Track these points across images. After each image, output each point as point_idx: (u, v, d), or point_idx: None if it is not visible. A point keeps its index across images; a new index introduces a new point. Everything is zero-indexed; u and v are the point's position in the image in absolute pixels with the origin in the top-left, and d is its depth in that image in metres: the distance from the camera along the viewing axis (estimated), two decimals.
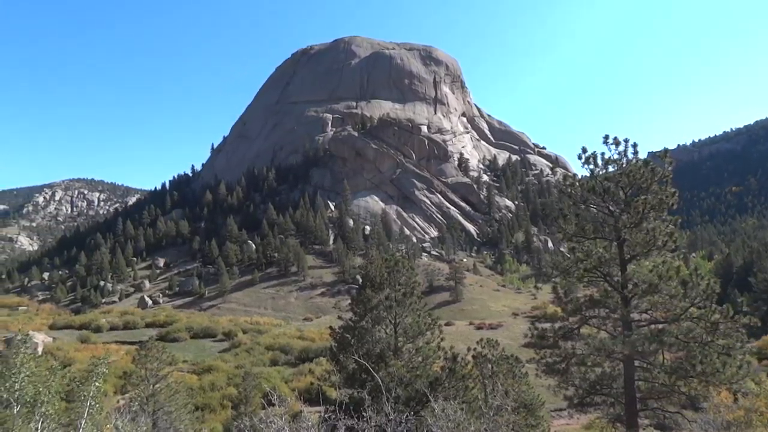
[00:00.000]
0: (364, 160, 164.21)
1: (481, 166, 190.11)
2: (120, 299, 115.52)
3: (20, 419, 9.21)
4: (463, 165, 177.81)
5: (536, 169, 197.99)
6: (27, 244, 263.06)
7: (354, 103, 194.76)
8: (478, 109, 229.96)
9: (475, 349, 22.12)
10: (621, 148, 18.01)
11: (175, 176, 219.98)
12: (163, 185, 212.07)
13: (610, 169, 18.28)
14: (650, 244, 17.03)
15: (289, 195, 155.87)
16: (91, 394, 9.51)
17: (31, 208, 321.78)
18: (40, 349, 52.67)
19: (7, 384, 8.68)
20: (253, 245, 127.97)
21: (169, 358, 27.92)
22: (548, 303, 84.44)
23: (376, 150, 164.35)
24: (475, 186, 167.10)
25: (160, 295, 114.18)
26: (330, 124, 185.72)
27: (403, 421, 6.60)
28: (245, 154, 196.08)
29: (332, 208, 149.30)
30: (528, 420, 20.11)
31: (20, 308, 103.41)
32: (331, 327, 21.26)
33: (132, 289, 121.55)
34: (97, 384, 9.97)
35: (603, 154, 18.30)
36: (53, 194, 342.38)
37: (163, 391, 25.21)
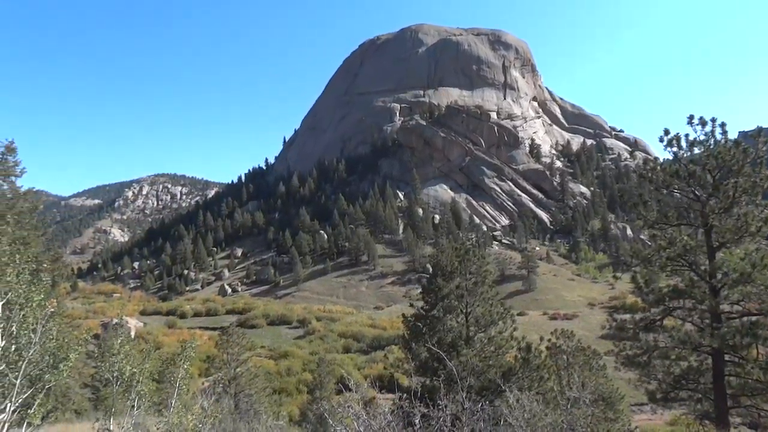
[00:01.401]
0: (432, 148, 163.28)
1: (553, 151, 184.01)
2: (202, 287, 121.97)
3: (119, 396, 9.94)
4: (534, 151, 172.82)
5: (613, 154, 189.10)
6: (119, 235, 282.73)
7: (422, 92, 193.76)
8: (550, 93, 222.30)
9: (549, 339, 21.56)
10: (708, 128, 16.76)
11: (251, 169, 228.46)
12: (240, 178, 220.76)
13: (696, 151, 17.08)
14: (742, 230, 15.84)
15: (359, 185, 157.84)
16: (180, 376, 10.12)
17: (121, 202, 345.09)
18: (132, 333, 56.56)
19: (107, 364, 9.44)
20: (325, 235, 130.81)
21: (249, 344, 29.19)
22: (627, 293, 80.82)
23: (445, 138, 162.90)
24: (547, 172, 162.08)
25: (239, 284, 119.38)
26: (398, 114, 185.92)
27: (478, 410, 6.57)
28: (316, 146, 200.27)
29: (401, 197, 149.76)
30: (607, 414, 19.41)
31: (114, 295, 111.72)
32: (402, 315, 21.39)
33: (213, 278, 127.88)
34: (185, 367, 10.57)
35: (687, 135, 17.11)
36: (141, 189, 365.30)
37: (244, 374, 26.40)
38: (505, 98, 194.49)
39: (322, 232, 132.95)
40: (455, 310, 19.43)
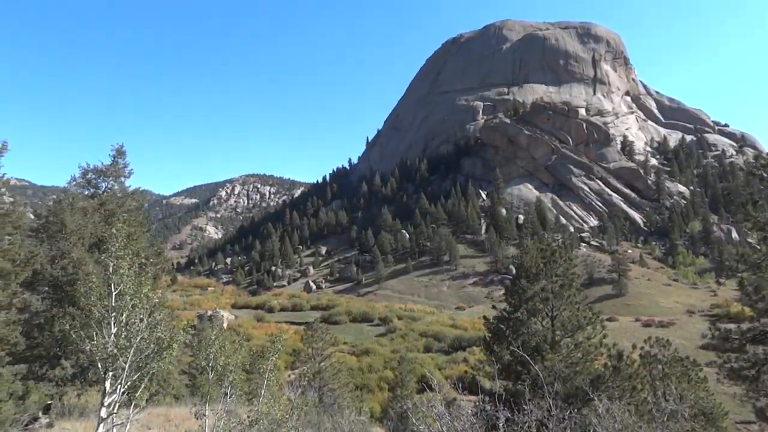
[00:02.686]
0: (516, 147, 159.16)
1: (648, 148, 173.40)
2: (288, 283, 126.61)
3: (213, 384, 10.56)
4: (627, 148, 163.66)
5: (716, 150, 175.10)
6: (213, 232, 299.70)
7: (505, 89, 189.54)
8: (645, 87, 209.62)
9: (642, 347, 20.39)
10: None
11: (335, 169, 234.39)
12: (324, 178, 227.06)
13: None
14: None
15: (441, 184, 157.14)
16: (269, 368, 10.58)
17: (215, 201, 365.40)
18: (225, 325, 59.77)
19: (204, 354, 10.08)
20: (407, 234, 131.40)
21: (332, 340, 29.92)
22: (732, 301, 74.74)
23: (530, 136, 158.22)
24: (641, 170, 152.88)
25: (323, 281, 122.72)
26: (481, 112, 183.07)
27: (566, 417, 6.34)
28: (398, 145, 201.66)
29: (484, 197, 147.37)
30: (707, 430, 18.06)
31: (209, 289, 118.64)
32: (484, 317, 21.08)
33: (298, 275, 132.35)
34: (273, 359, 11.03)
35: None
36: (233, 188, 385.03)
37: (328, 369, 27.13)
38: (594, 93, 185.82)
39: (403, 231, 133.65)
40: (540, 313, 18.88)
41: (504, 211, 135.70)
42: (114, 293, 9.22)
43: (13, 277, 15.35)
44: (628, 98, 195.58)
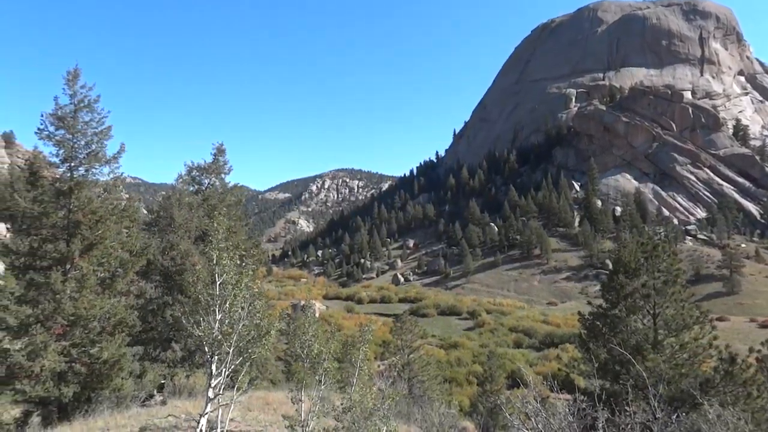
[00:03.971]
0: (613, 135, 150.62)
1: (766, 132, 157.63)
2: (377, 275, 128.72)
3: (308, 371, 10.99)
4: (740, 133, 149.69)
5: None
6: (305, 226, 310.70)
7: (600, 75, 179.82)
8: (762, 65, 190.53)
9: (759, 351, 18.65)
10: None
11: (422, 162, 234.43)
12: (411, 171, 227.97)
13: None
14: None
15: (531, 176, 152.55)
16: (360, 358, 10.85)
17: (307, 196, 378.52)
18: (317, 315, 61.84)
19: (299, 341, 10.52)
20: (495, 227, 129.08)
21: (421, 332, 30.12)
22: None
23: (628, 123, 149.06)
24: (757, 157, 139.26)
25: (411, 273, 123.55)
26: (573, 100, 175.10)
27: (672, 421, 5.96)
28: (486, 137, 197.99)
29: (577, 188, 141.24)
30: None
31: (302, 280, 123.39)
32: (579, 313, 20.23)
33: (387, 267, 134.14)
34: (364, 349, 11.29)
35: None
36: (323, 183, 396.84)
37: (416, 361, 27.35)
38: (702, 75, 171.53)
39: (492, 224, 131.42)
40: (640, 310, 17.84)
41: (599, 202, 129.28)
42: (218, 283, 9.86)
43: (130, 266, 16.84)
44: (742, 78, 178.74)
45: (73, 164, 16.11)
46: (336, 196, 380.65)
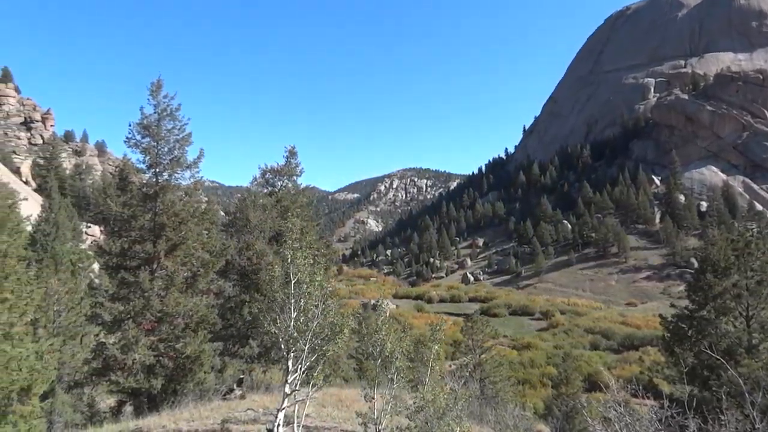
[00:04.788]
0: (697, 125, 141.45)
1: None
2: (446, 275, 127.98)
3: (380, 370, 11.07)
4: None
5: None
6: (374, 225, 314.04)
7: (682, 62, 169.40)
8: None
9: None
10: None
11: (490, 160, 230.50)
12: (480, 169, 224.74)
13: None
14: None
15: (606, 171, 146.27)
16: (432, 357, 10.81)
17: (375, 196, 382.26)
18: (387, 314, 62.35)
19: (371, 340, 10.63)
20: (568, 225, 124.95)
21: (492, 332, 29.63)
22: None
23: (713, 112, 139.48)
24: None
25: (480, 273, 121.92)
26: (652, 90, 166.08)
27: None
28: (557, 132, 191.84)
29: (657, 182, 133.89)
30: None
31: (371, 279, 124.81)
32: (661, 315, 19.20)
33: (456, 266, 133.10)
34: (436, 348, 11.24)
35: None
36: (391, 183, 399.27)
37: (488, 361, 26.95)
38: None
39: (565, 221, 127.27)
40: (731, 312, 16.69)
41: (682, 197, 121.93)
42: (292, 281, 10.14)
43: (210, 265, 17.69)
44: None
45: (157, 170, 17.13)
46: (404, 195, 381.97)
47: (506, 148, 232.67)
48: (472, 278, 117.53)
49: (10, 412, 11.69)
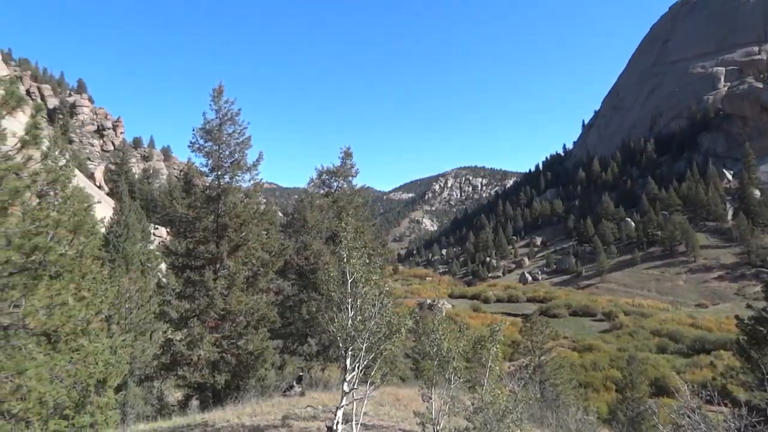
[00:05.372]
0: None
1: None
2: (503, 274, 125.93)
3: (437, 369, 11.01)
4: None
5: None
6: (429, 225, 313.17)
7: (755, 48, 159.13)
8: None
9: None
10: None
11: (548, 156, 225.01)
12: (537, 166, 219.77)
13: None
14: None
15: (672, 166, 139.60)
16: (491, 357, 10.65)
17: (430, 195, 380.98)
18: (443, 313, 62.00)
19: (428, 339, 10.58)
20: (632, 223, 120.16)
21: (552, 333, 28.91)
22: None
23: None
24: None
25: (539, 272, 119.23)
26: (722, 79, 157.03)
27: None
28: (619, 126, 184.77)
29: (729, 177, 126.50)
30: None
31: (427, 279, 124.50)
32: (736, 317, 18.11)
33: (513, 266, 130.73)
34: (495, 349, 11.07)
35: None
36: (446, 182, 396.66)
37: (548, 363, 26.30)
38: None
39: (628, 219, 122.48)
40: None
41: (758, 192, 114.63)
42: (349, 281, 10.25)
43: (270, 265, 18.17)
44: None
45: (219, 173, 17.75)
46: (459, 194, 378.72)
47: (564, 144, 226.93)
48: (530, 278, 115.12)
49: (89, 403, 12.42)
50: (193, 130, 17.61)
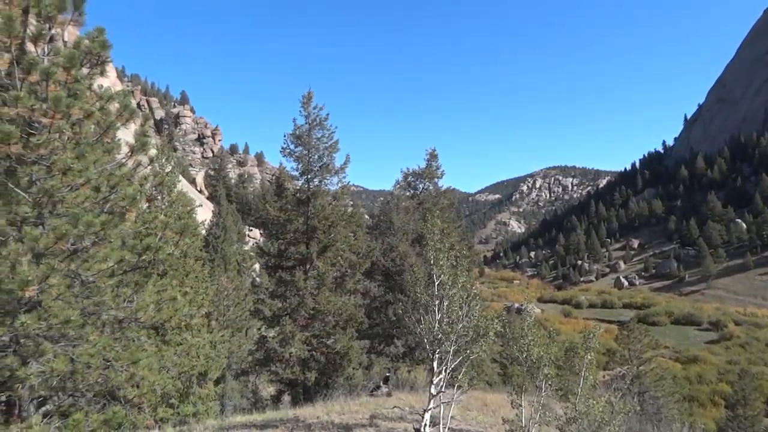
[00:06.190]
0: None
1: None
2: (596, 278, 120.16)
3: (527, 376, 10.70)
4: None
5: None
6: (516, 226, 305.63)
7: None
8: None
9: None
10: None
11: (645, 154, 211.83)
12: (633, 165, 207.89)
13: None
14: None
15: None
16: (585, 365, 10.17)
17: (517, 196, 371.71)
18: (532, 318, 60.35)
19: (518, 344, 10.30)
20: (743, 224, 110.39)
21: (652, 342, 27.20)
22: None
23: None
24: None
25: (636, 277, 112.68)
26: None
27: None
28: (727, 120, 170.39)
29: None
30: None
31: (515, 282, 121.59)
32: None
33: (607, 270, 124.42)
34: (589, 357, 10.57)
35: None
36: (534, 182, 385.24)
37: (648, 374, 24.74)
38: None
39: (738, 220, 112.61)
40: None
41: None
42: (436, 283, 10.21)
43: (357, 266, 18.54)
44: None
45: (309, 176, 18.37)
46: (548, 195, 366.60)
47: (664, 141, 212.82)
48: (626, 282, 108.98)
49: (192, 393, 13.31)
50: (285, 135, 18.36)
